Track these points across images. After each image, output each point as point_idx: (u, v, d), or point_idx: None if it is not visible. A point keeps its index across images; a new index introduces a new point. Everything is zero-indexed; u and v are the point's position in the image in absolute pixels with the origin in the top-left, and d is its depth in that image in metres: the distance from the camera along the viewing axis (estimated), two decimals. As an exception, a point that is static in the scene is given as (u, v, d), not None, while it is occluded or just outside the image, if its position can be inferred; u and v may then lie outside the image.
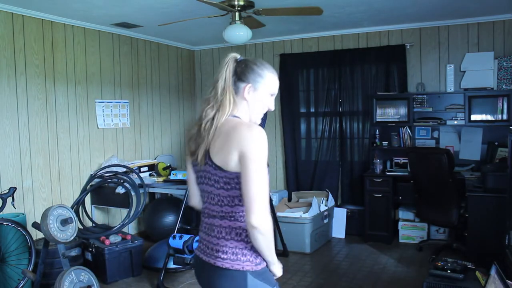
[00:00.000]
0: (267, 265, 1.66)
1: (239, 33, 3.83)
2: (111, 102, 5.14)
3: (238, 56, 1.68)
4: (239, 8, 3.78)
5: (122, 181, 4.49)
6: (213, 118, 1.57)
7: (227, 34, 3.85)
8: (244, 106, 1.64)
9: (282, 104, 5.96)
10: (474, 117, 4.89)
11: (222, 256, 1.57)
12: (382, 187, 5.00)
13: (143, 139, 5.67)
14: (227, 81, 1.61)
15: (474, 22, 4.99)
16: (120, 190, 4.46)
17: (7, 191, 3.72)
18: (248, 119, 1.66)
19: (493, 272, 2.40)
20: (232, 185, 1.53)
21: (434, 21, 5.09)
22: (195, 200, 1.79)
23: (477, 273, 2.75)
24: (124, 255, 4.10)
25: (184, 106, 6.43)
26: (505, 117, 4.75)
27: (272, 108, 1.71)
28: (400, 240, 5.08)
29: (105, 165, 4.84)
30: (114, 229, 4.25)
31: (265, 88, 1.65)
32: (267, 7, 3.84)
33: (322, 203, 5.15)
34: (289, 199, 5.64)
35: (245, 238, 1.57)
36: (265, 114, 5.04)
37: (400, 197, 5.04)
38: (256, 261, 1.59)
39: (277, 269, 1.73)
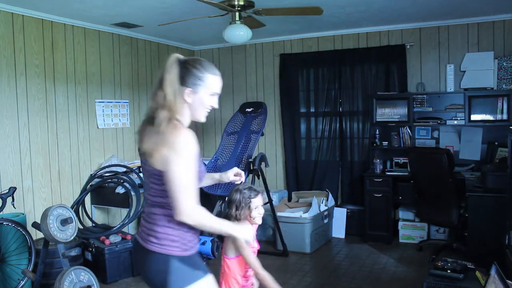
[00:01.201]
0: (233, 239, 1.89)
1: (239, 33, 3.83)
2: (111, 102, 5.14)
3: (181, 57, 1.80)
4: (239, 8, 3.79)
5: (122, 181, 4.49)
6: (162, 120, 1.67)
7: (227, 34, 3.85)
8: (186, 107, 1.76)
9: (282, 104, 5.96)
10: (474, 117, 4.89)
11: (153, 240, 1.73)
12: (382, 187, 5.00)
13: (143, 139, 5.66)
14: (174, 84, 1.71)
15: (474, 22, 4.99)
16: (120, 190, 4.46)
17: (7, 191, 3.72)
18: (192, 118, 1.80)
19: (493, 272, 2.40)
20: (162, 181, 1.68)
21: (434, 21, 5.09)
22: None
23: (477, 273, 2.75)
24: (124, 255, 4.10)
25: (184, 106, 6.43)
26: (505, 117, 4.75)
27: (216, 106, 1.83)
28: (400, 240, 5.08)
29: (105, 165, 4.84)
30: (114, 229, 4.25)
31: (205, 90, 1.77)
32: (267, 7, 3.84)
33: (322, 203, 5.15)
34: (289, 199, 5.64)
35: (175, 225, 1.71)
36: (265, 116, 4.98)
37: (400, 197, 5.04)
38: (184, 247, 1.74)
39: (241, 234, 1.86)
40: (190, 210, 1.63)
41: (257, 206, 2.38)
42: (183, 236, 1.74)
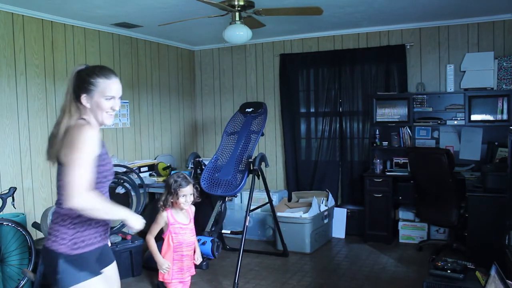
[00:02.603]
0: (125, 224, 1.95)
1: (239, 33, 3.83)
2: (111, 102, 5.14)
3: (81, 67, 1.91)
4: (239, 8, 3.79)
5: (122, 181, 4.49)
6: (60, 123, 1.83)
7: (227, 34, 3.85)
8: (88, 111, 1.88)
9: (282, 104, 5.96)
10: (474, 117, 4.89)
11: (49, 237, 1.85)
12: (382, 187, 5.00)
13: (143, 139, 5.67)
14: (69, 92, 1.88)
15: (474, 22, 4.99)
16: (120, 190, 4.46)
17: (7, 191, 3.71)
18: (98, 123, 1.91)
19: (493, 272, 2.40)
20: (62, 177, 1.78)
21: (434, 21, 5.09)
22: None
23: (477, 273, 2.75)
24: (124, 255, 4.10)
25: (184, 106, 6.43)
26: (505, 117, 4.76)
27: (116, 108, 1.91)
28: (400, 240, 5.08)
29: (105, 165, 4.83)
30: (114, 229, 4.25)
31: (99, 94, 1.85)
32: (267, 7, 3.84)
33: (322, 203, 5.15)
34: (289, 199, 5.64)
35: (68, 224, 1.82)
36: (265, 116, 4.99)
37: (400, 197, 5.04)
38: (74, 246, 1.82)
39: (132, 222, 1.88)
40: (80, 192, 1.68)
41: (185, 195, 2.76)
42: (75, 236, 1.83)
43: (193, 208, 2.94)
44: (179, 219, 2.84)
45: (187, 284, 2.92)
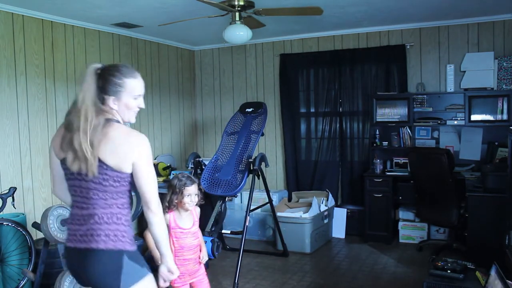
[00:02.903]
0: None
1: (239, 33, 3.83)
2: (111, 102, 5.14)
3: (98, 66, 1.80)
4: (239, 8, 3.78)
5: (122, 181, 4.48)
6: (97, 126, 1.73)
7: (227, 34, 3.85)
8: (115, 113, 1.82)
9: (282, 104, 5.96)
10: (474, 117, 4.89)
11: (103, 238, 1.76)
12: (382, 187, 5.00)
13: (143, 139, 5.66)
14: (91, 94, 1.74)
15: (474, 22, 4.99)
16: (120, 190, 4.46)
17: (7, 191, 3.71)
18: (122, 121, 1.85)
19: (493, 272, 2.40)
20: (119, 182, 1.81)
21: (434, 21, 5.09)
22: (61, 190, 1.96)
23: (477, 273, 2.75)
24: (124, 255, 4.09)
25: (184, 106, 6.43)
26: (505, 117, 4.76)
27: (142, 106, 1.88)
28: (400, 240, 5.08)
29: (105, 165, 4.83)
30: (114, 229, 4.25)
31: (127, 95, 1.81)
32: (267, 7, 3.84)
33: (322, 203, 5.15)
34: (289, 199, 5.64)
35: (123, 221, 1.82)
36: (265, 116, 4.97)
37: (400, 197, 5.04)
38: (131, 242, 1.82)
39: (167, 264, 1.97)
40: (158, 204, 1.83)
41: (190, 194, 2.69)
42: (130, 232, 1.85)
43: (198, 210, 2.86)
44: (181, 223, 2.75)
45: (200, 284, 2.83)
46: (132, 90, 1.81)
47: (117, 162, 1.75)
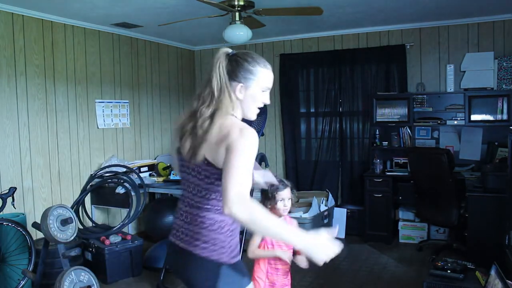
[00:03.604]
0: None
1: (239, 33, 3.83)
2: (111, 102, 5.14)
3: (230, 51, 1.66)
4: (239, 8, 3.78)
5: (122, 181, 4.49)
6: (211, 116, 1.58)
7: (227, 34, 3.85)
8: (238, 104, 1.64)
9: (282, 104, 5.96)
10: (474, 117, 4.89)
11: (202, 245, 1.62)
12: (382, 187, 5.00)
13: (143, 139, 5.67)
14: (222, 79, 1.60)
15: (474, 22, 4.99)
16: (120, 190, 4.46)
17: (7, 191, 3.71)
18: (242, 116, 1.68)
19: (493, 272, 2.40)
20: (217, 179, 1.57)
21: (434, 21, 5.09)
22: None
23: (477, 273, 2.75)
24: (124, 255, 4.10)
25: (184, 106, 6.42)
26: (505, 117, 4.75)
27: (268, 102, 1.70)
28: (400, 240, 5.08)
29: (105, 165, 4.84)
30: (114, 229, 4.25)
31: (257, 85, 1.64)
32: (267, 7, 3.84)
33: (322, 203, 5.15)
34: (289, 199, 5.63)
35: (226, 231, 1.63)
36: (265, 116, 4.96)
37: (400, 197, 5.04)
38: (231, 254, 1.65)
39: (314, 249, 1.45)
40: (240, 198, 1.41)
41: (283, 199, 2.48)
42: (231, 244, 1.66)
43: (294, 222, 2.56)
44: None
45: None
46: (263, 81, 1.64)
47: (215, 156, 1.59)
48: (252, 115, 1.69)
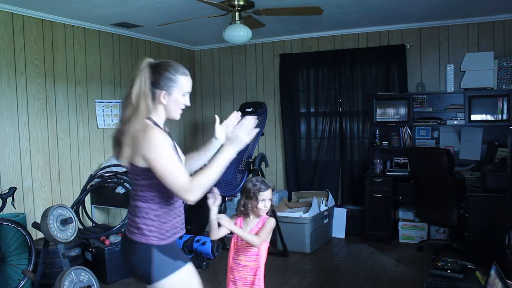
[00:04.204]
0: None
1: (239, 33, 3.83)
2: (111, 102, 5.14)
3: (152, 61, 1.87)
4: (239, 8, 3.79)
5: (122, 181, 4.49)
6: (129, 121, 1.79)
7: (227, 34, 3.85)
8: (161, 108, 1.88)
9: (282, 104, 5.96)
10: (474, 117, 4.89)
11: (135, 231, 1.86)
12: (382, 187, 5.00)
13: (143, 139, 5.66)
14: (142, 88, 1.80)
15: (474, 22, 4.99)
16: (120, 190, 4.46)
17: (7, 191, 3.72)
18: (167, 117, 1.92)
19: (493, 272, 2.40)
20: (144, 177, 1.81)
21: (434, 21, 5.09)
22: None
23: (477, 273, 2.75)
24: (124, 255, 4.10)
25: (184, 106, 6.42)
26: (505, 117, 4.75)
27: (188, 104, 1.93)
28: (400, 240, 5.08)
29: (105, 165, 4.84)
30: (114, 229, 4.25)
31: (178, 91, 1.88)
32: (267, 7, 3.84)
33: (322, 203, 5.15)
34: (289, 199, 5.64)
35: (153, 217, 1.85)
36: (265, 116, 4.97)
37: (400, 197, 5.04)
38: (161, 236, 1.85)
39: (241, 139, 1.83)
40: (185, 188, 1.72)
41: (264, 199, 2.54)
42: (160, 227, 1.86)
43: (272, 221, 2.58)
44: (245, 227, 2.65)
45: None
46: (183, 87, 1.89)
47: (133, 156, 1.84)
48: (176, 116, 1.93)
